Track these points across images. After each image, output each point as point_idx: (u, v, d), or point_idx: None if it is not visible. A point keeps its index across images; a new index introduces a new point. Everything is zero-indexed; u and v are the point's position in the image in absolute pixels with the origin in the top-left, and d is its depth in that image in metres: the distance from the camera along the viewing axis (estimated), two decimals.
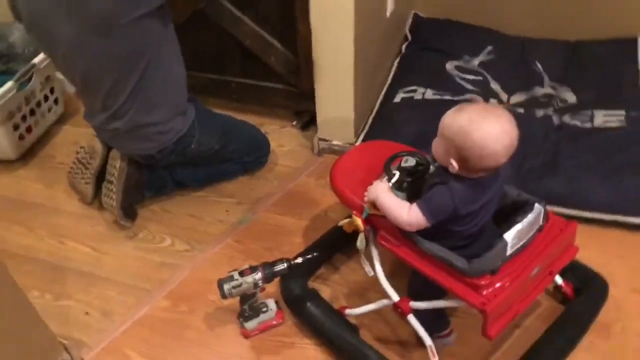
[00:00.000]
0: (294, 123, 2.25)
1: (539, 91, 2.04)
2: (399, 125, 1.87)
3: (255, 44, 2.05)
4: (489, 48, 2.21)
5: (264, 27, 2.01)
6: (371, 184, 1.28)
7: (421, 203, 1.14)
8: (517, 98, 2.01)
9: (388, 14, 2.07)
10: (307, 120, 2.22)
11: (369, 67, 1.97)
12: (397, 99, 2.03)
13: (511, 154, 1.09)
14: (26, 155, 2.18)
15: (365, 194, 1.27)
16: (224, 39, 2.10)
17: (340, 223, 1.36)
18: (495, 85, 2.05)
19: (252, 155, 1.95)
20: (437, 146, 1.15)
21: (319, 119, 2.02)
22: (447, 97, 1.96)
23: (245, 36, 2.04)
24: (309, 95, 2.01)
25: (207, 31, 2.10)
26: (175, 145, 1.72)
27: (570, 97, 1.99)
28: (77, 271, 1.74)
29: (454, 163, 1.10)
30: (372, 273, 1.31)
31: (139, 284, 1.68)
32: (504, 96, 2.01)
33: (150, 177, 1.85)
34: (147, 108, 1.63)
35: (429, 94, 1.99)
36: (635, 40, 2.13)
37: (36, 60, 2.17)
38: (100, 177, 1.89)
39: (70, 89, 2.33)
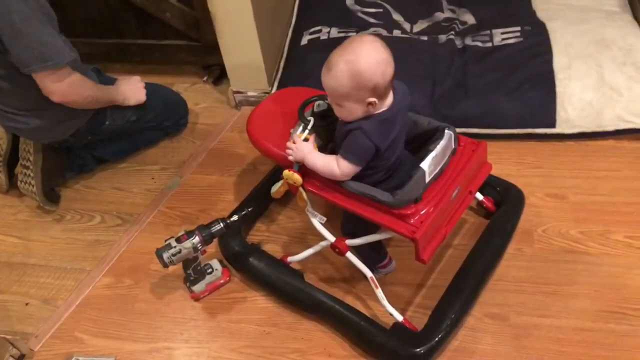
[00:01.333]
0: (205, 79, 2.22)
1: (440, 16, 2.10)
2: (310, 68, 1.87)
3: (146, 1, 1.97)
4: None
5: None
6: (290, 135, 1.31)
7: (345, 153, 1.19)
8: (419, 26, 2.06)
9: None
10: (218, 74, 2.20)
11: (269, 11, 1.95)
12: (304, 41, 2.03)
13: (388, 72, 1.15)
14: None
15: (288, 152, 1.29)
16: (114, 0, 2.00)
17: (274, 190, 1.37)
18: (397, 16, 2.09)
19: (171, 119, 1.92)
20: (342, 110, 1.18)
21: (229, 71, 2.00)
22: (352, 33, 1.98)
23: None
24: (215, 48, 1.98)
25: None
26: (88, 125, 1.66)
27: (470, 19, 2.07)
28: (8, 263, 1.70)
29: (370, 101, 1.14)
30: (324, 220, 1.34)
31: (76, 266, 1.66)
32: (406, 25, 2.06)
33: (69, 158, 1.79)
34: (36, 106, 1.55)
35: (334, 32, 2.01)
36: None
37: None
38: (11, 162, 1.81)
39: None
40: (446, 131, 1.27)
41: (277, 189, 1.36)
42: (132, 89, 1.74)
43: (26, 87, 1.46)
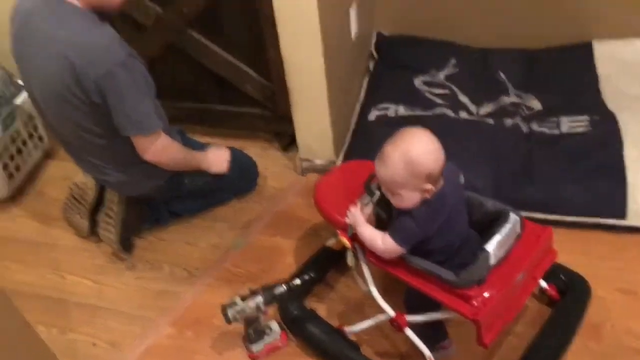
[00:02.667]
0: (275, 145, 2.34)
1: (506, 100, 2.17)
2: (376, 142, 1.93)
3: (229, 72, 2.14)
4: (453, 61, 2.33)
5: (236, 56, 2.10)
6: (354, 203, 1.39)
7: (392, 233, 1.27)
8: (485, 109, 2.13)
9: (353, 36, 2.18)
10: (288, 141, 2.32)
11: (340, 87, 2.07)
12: (372, 116, 2.13)
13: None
14: (17, 194, 2.22)
15: (348, 214, 1.38)
16: (199, 68, 2.18)
17: (328, 243, 1.46)
18: (463, 98, 2.17)
19: (243, 181, 2.03)
20: (399, 199, 1.26)
21: (299, 140, 2.11)
22: (419, 113, 2.07)
23: (218, 66, 2.13)
24: (287, 118, 2.11)
25: (182, 62, 2.18)
26: (169, 183, 1.79)
27: (536, 105, 2.12)
28: (80, 304, 1.80)
29: (426, 188, 1.21)
30: (366, 289, 1.41)
31: (143, 313, 1.74)
32: (472, 107, 2.13)
33: (147, 211, 1.92)
34: (125, 162, 1.69)
35: (402, 110, 2.11)
36: (589, 44, 2.28)
37: (17, 101, 2.21)
38: (94, 210, 1.96)
39: None
40: (511, 215, 1.30)
41: (331, 243, 1.43)
42: (218, 160, 1.88)
43: (120, 146, 1.61)
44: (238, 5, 1.94)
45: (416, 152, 1.21)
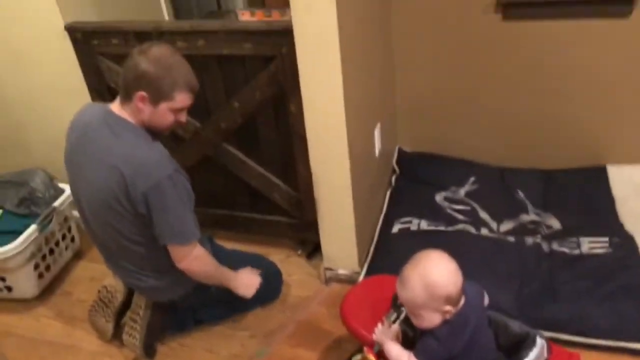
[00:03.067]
0: (299, 252, 2.40)
1: (526, 218, 2.23)
2: (400, 256, 2.00)
3: (260, 183, 2.25)
4: (472, 179, 2.43)
5: (267, 169, 2.22)
6: (381, 320, 1.42)
7: (417, 353, 1.31)
8: (506, 226, 2.19)
9: (377, 154, 2.31)
10: (312, 249, 2.38)
11: (364, 200, 2.16)
12: (395, 229, 2.20)
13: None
14: (44, 293, 2.27)
15: (374, 331, 1.41)
16: (231, 178, 2.30)
17: (354, 359, 1.47)
18: (484, 215, 2.24)
19: (267, 289, 2.07)
20: (420, 319, 1.31)
21: (324, 250, 2.17)
22: (441, 228, 2.14)
23: (251, 177, 2.25)
24: (312, 226, 2.19)
25: (216, 172, 2.31)
26: (197, 290, 1.84)
27: (555, 224, 2.18)
28: None
29: (446, 309, 1.26)
30: None
31: None
32: (493, 224, 2.19)
33: (173, 317, 1.95)
34: (159, 269, 1.76)
35: (424, 225, 2.17)
36: (604, 168, 2.38)
37: (56, 203, 2.32)
38: (120, 314, 1.99)
39: None
40: (538, 339, 1.32)
41: (358, 358, 1.48)
42: (247, 285, 1.92)
43: (156, 253, 1.68)
44: (272, 124, 2.08)
45: (434, 275, 1.27)
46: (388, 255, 2.08)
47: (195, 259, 1.68)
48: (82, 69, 2.22)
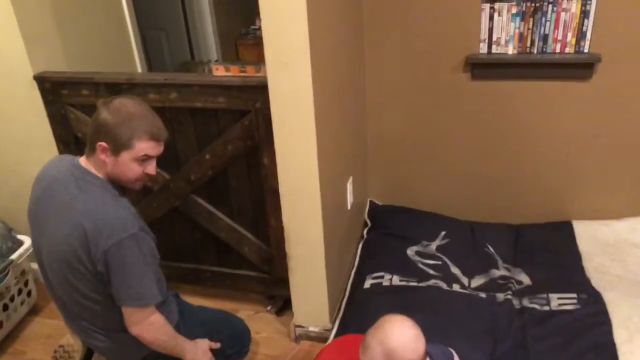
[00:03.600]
0: (269, 308, 2.34)
1: (496, 273, 2.24)
2: (372, 312, 1.96)
3: (230, 236, 2.21)
4: (443, 233, 2.44)
5: (237, 222, 2.19)
6: None
7: None
8: (477, 281, 2.19)
9: (349, 206, 2.30)
10: (281, 305, 2.32)
11: (337, 254, 2.14)
12: (367, 284, 2.17)
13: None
14: None
15: None
16: (199, 231, 2.25)
17: None
18: (455, 270, 2.24)
19: (234, 347, 1.98)
20: None
21: (295, 306, 2.12)
22: (413, 284, 2.12)
23: (220, 230, 2.20)
24: (282, 281, 2.15)
25: (183, 225, 2.26)
26: (156, 352, 1.75)
27: (525, 279, 2.19)
28: None
29: None
30: None
31: None
32: (464, 280, 2.19)
33: None
34: (119, 329, 1.65)
35: (396, 280, 2.15)
36: (569, 223, 2.43)
37: (14, 256, 2.22)
38: None
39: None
40: None
41: None
42: (202, 355, 1.78)
43: (115, 313, 1.60)
44: (244, 177, 2.07)
45: (393, 342, 1.25)
46: (360, 311, 2.04)
47: (149, 325, 1.59)
48: (49, 119, 2.18)
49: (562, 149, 2.38)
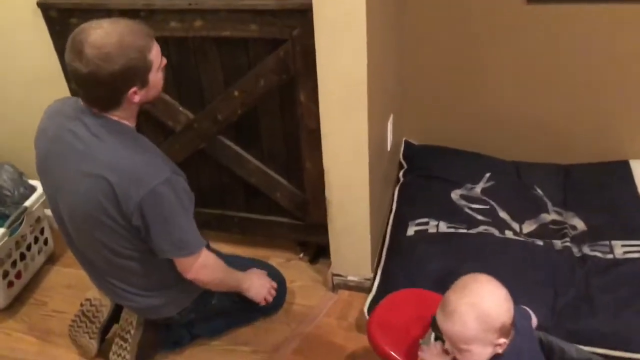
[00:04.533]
0: (301, 255, 2.20)
1: (547, 217, 2.07)
2: (420, 261, 1.85)
3: (260, 181, 2.03)
4: (488, 175, 2.26)
5: (269, 165, 2.00)
6: (419, 345, 1.26)
7: None
8: (528, 227, 2.02)
9: (389, 147, 2.12)
10: (314, 252, 2.18)
11: (377, 199, 1.96)
12: (410, 231, 2.01)
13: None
14: (15, 303, 2.02)
15: (420, 355, 1.23)
16: (226, 175, 2.07)
17: None
18: (503, 214, 2.07)
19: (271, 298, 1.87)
20: (466, 355, 1.14)
21: (333, 255, 1.97)
22: (462, 230, 1.95)
23: (250, 174, 2.02)
24: (317, 228, 1.99)
25: (209, 168, 2.08)
26: (195, 304, 1.62)
27: (579, 224, 2.02)
28: None
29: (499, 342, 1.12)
30: None
31: None
32: (514, 225, 2.02)
33: (167, 334, 1.73)
34: (155, 286, 1.54)
35: (443, 227, 1.99)
36: (626, 162, 2.24)
37: (27, 203, 2.06)
38: (105, 331, 1.76)
39: None
40: None
41: None
42: (260, 288, 1.73)
43: (152, 269, 1.45)
44: (277, 115, 1.87)
45: (488, 304, 1.11)
46: (406, 261, 1.89)
47: (203, 268, 1.45)
48: (57, 53, 1.95)
49: (623, 82, 2.15)
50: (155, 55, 1.35)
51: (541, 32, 2.12)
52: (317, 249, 2.17)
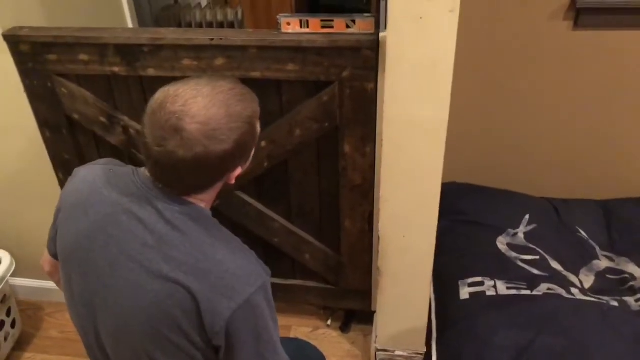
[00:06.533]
0: (329, 322, 1.89)
1: (599, 265, 1.86)
2: (485, 333, 1.57)
3: (285, 242, 1.72)
4: (527, 217, 2.02)
5: (297, 224, 1.70)
6: None
7: None
8: (586, 279, 1.80)
9: None
10: (343, 319, 1.88)
11: None
12: (464, 294, 1.73)
13: None
14: None
15: None
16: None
17: None
18: (555, 265, 1.84)
19: None
20: None
21: (380, 328, 1.68)
22: (526, 292, 1.69)
23: (273, 234, 1.71)
24: (352, 293, 1.73)
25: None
26: None
27: (636, 271, 1.82)
28: None
29: None
30: None
31: None
32: (573, 279, 1.79)
33: None
34: None
35: (501, 287, 1.72)
36: None
37: None
38: None
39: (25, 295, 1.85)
40: None
41: None
42: None
43: None
44: (312, 169, 1.56)
45: None
46: (469, 334, 1.60)
47: None
48: (28, 96, 1.56)
49: None
50: (258, 128, 1.03)
51: (586, 58, 1.92)
52: (347, 314, 1.88)
